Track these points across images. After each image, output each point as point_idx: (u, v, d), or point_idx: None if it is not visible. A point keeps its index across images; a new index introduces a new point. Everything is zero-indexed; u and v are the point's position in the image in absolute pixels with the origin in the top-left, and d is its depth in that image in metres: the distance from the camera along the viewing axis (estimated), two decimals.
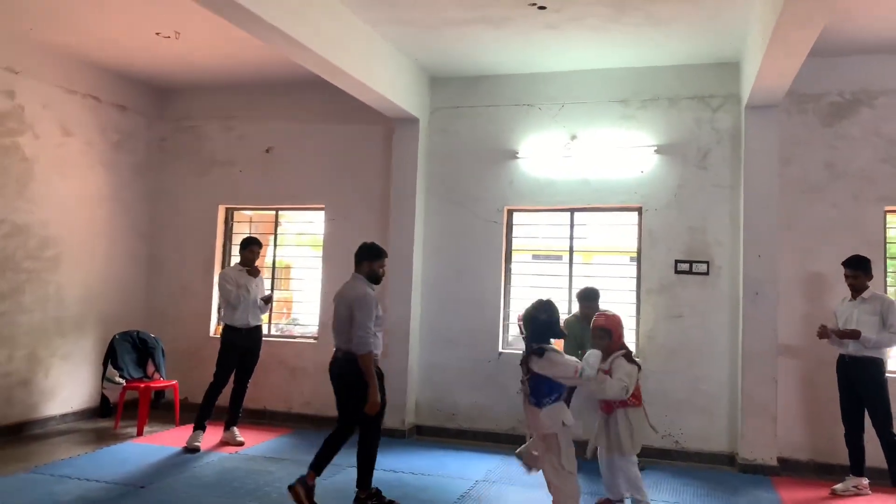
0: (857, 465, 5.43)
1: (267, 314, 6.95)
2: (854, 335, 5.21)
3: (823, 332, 5.42)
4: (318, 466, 4.66)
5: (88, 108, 7.38)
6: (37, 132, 6.77)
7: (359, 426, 4.74)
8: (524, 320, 4.32)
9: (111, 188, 7.67)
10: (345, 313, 4.63)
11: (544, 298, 4.30)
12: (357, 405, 4.60)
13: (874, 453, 5.34)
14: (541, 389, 4.09)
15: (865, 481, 5.41)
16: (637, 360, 4.78)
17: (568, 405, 6.18)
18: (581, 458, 5.46)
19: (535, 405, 4.10)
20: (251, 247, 6.43)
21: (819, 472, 5.99)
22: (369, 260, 4.81)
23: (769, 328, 6.10)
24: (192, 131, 8.24)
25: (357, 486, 4.78)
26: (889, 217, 6.26)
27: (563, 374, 4.07)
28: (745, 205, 6.27)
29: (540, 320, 4.18)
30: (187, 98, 8.26)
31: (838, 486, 5.44)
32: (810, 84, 6.26)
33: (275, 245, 8.05)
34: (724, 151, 6.55)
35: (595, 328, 4.80)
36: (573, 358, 4.20)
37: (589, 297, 6.12)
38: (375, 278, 4.82)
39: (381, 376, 4.74)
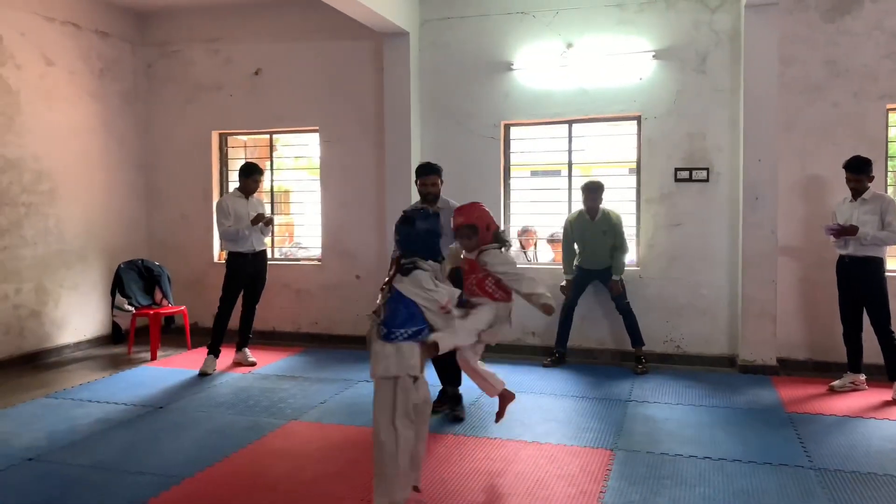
0: (854, 363, 5.55)
1: (269, 237, 6.95)
2: (852, 231, 5.23)
3: (828, 229, 5.41)
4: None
5: (68, 35, 7.16)
6: (18, 62, 6.59)
7: None
8: (397, 228, 3.46)
9: (100, 118, 7.54)
10: None
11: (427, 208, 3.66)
12: None
13: (871, 351, 5.46)
14: (395, 317, 3.27)
15: (862, 377, 5.56)
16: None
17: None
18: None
19: (383, 337, 3.27)
20: (254, 175, 6.30)
21: (818, 370, 6.15)
22: (416, 178, 5.05)
23: (769, 231, 6.14)
24: (178, 56, 8.03)
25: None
26: (891, 115, 6.19)
27: (430, 300, 3.28)
28: (744, 108, 6.18)
29: (420, 229, 3.37)
30: (170, 21, 8.01)
31: (836, 383, 5.59)
32: None
33: (272, 170, 7.99)
34: (724, 54, 6.41)
35: (456, 228, 4.11)
36: (450, 288, 3.47)
37: (591, 189, 6.23)
38: (422, 197, 5.02)
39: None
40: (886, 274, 5.38)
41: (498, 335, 4.21)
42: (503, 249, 4.13)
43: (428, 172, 4.95)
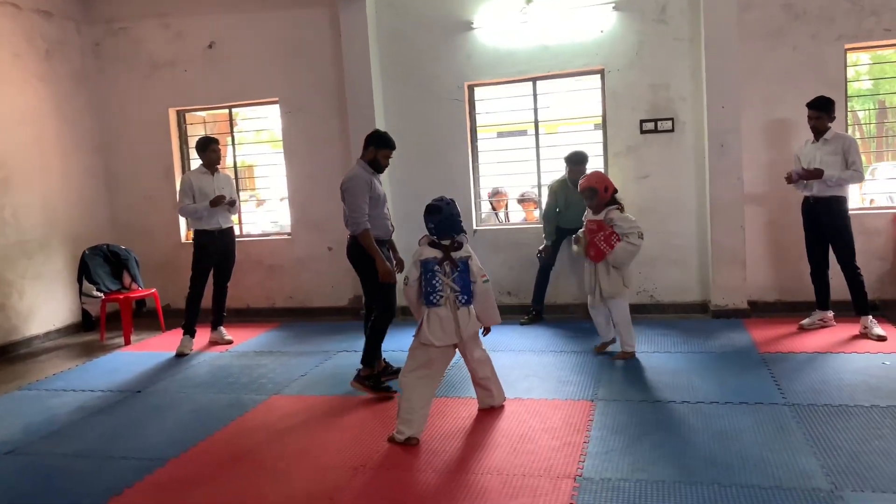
0: (822, 300, 5.69)
1: (235, 216, 6.84)
2: (817, 174, 5.31)
3: (790, 178, 5.50)
4: (366, 359, 4.79)
5: (9, 16, 6.85)
6: None
7: (374, 304, 4.86)
8: (429, 217, 4.00)
9: (51, 101, 7.28)
10: (343, 199, 4.76)
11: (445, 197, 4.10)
12: (372, 282, 4.75)
13: (838, 288, 5.60)
14: (468, 285, 3.99)
15: (830, 314, 5.71)
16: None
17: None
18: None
19: (465, 304, 3.97)
20: (211, 146, 6.19)
21: (787, 310, 6.28)
22: (375, 147, 4.80)
23: (735, 178, 6.21)
24: (127, 33, 7.76)
25: (361, 363, 4.81)
26: (849, 56, 6.26)
27: (478, 265, 4.06)
28: (706, 56, 6.20)
29: (448, 214, 3.96)
30: None
31: (805, 321, 5.73)
32: None
33: (233, 145, 7.82)
34: (683, 2, 6.39)
35: (581, 190, 5.15)
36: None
37: (576, 161, 6.22)
38: (377, 166, 4.83)
39: (392, 258, 4.96)
40: (850, 212, 5.49)
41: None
42: (622, 210, 5.07)
43: (393, 146, 4.89)
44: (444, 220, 3.96)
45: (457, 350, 4.11)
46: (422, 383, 3.92)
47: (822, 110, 5.37)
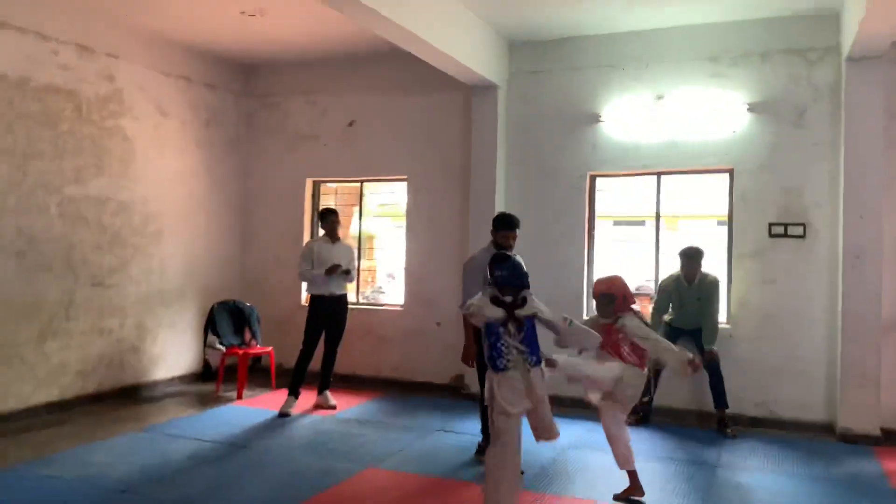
0: None
1: (352, 284, 7.13)
2: None
3: None
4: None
5: (181, 88, 7.70)
6: (136, 114, 7.13)
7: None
8: (497, 266, 3.78)
9: (205, 164, 8.02)
10: None
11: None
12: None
13: None
14: (535, 344, 3.70)
15: None
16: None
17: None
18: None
19: (536, 364, 3.68)
20: (330, 217, 6.62)
21: None
22: (494, 228, 5.15)
23: (872, 293, 5.79)
24: (278, 107, 8.48)
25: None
26: None
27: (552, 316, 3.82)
28: (845, 163, 5.93)
29: (516, 263, 3.83)
30: (272, 74, 8.48)
31: None
32: None
33: (360, 216, 8.23)
34: (823, 108, 6.19)
35: (596, 295, 4.47)
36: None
37: (690, 255, 6.06)
38: (499, 247, 5.03)
39: None
40: None
41: (626, 400, 4.36)
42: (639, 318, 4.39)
43: (511, 227, 5.09)
44: (511, 267, 3.74)
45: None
46: (508, 468, 3.63)
47: None
